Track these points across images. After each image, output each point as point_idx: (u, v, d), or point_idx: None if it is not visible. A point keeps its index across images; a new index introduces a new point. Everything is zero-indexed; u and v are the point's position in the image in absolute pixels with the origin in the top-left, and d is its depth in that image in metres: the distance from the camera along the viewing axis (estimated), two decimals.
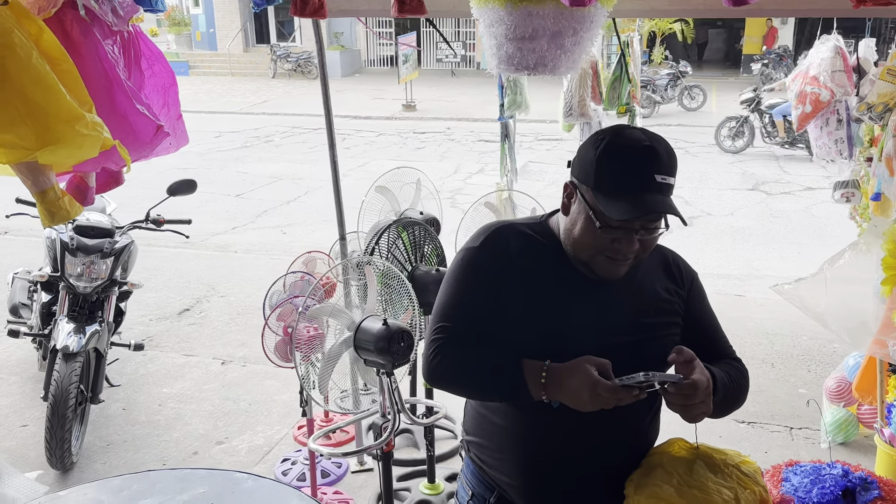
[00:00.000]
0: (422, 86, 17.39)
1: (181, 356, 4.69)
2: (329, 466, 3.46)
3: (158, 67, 2.03)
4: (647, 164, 1.43)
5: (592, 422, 1.48)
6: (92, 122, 1.66)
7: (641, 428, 1.63)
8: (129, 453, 3.60)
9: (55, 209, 1.75)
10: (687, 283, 1.66)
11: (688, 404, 1.42)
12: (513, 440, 1.59)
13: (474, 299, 1.55)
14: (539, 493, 1.59)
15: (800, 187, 9.43)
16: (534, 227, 1.62)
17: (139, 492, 1.92)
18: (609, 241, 1.46)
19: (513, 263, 1.54)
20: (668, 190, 1.45)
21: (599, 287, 1.54)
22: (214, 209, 8.60)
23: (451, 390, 1.61)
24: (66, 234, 3.54)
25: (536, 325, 1.52)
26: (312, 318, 2.62)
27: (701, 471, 1.54)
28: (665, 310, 1.61)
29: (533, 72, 2.03)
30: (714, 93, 17.37)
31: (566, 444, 1.56)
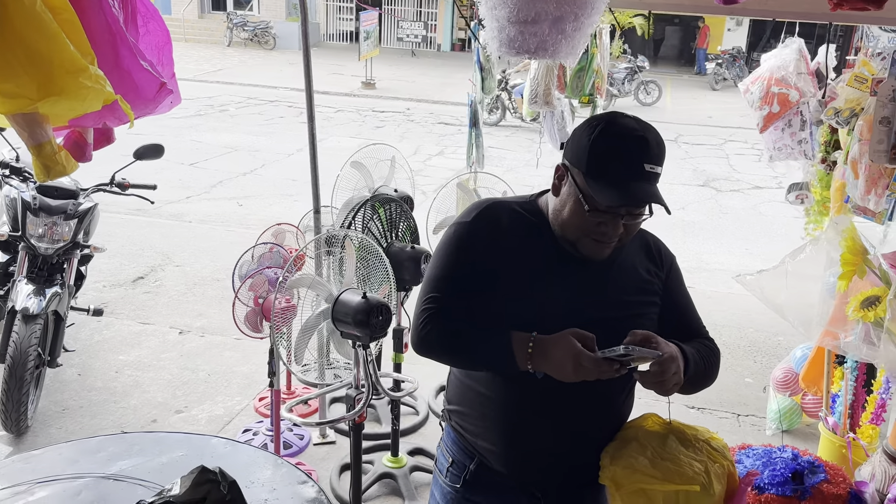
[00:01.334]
0: (382, 64, 17.25)
1: (137, 324, 4.62)
2: (291, 438, 3.48)
3: (153, 25, 1.99)
4: (638, 153, 1.49)
5: (572, 394, 1.55)
6: (95, 74, 1.62)
7: (617, 402, 1.70)
8: (85, 419, 3.54)
9: (51, 164, 1.70)
10: (666, 266, 1.74)
11: (663, 378, 1.49)
12: (495, 408, 1.65)
13: (464, 272, 1.60)
14: (518, 459, 1.66)
15: (748, 185, 9.72)
16: (524, 206, 1.67)
17: (116, 453, 1.91)
18: (595, 223, 1.53)
19: (502, 239, 1.60)
20: (655, 179, 1.51)
21: (584, 265, 1.60)
22: (168, 177, 8.39)
23: (439, 359, 1.66)
24: (28, 194, 3.44)
25: (522, 298, 1.57)
26: (288, 290, 2.63)
27: (673, 444, 1.61)
28: (645, 289, 1.67)
29: (534, 55, 2.06)
30: (669, 89, 17.70)
31: (546, 414, 1.61)
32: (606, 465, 1.62)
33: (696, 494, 1.55)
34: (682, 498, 1.56)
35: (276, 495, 1.81)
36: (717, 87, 18.62)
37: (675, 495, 1.56)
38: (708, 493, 1.56)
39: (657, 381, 1.50)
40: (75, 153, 1.80)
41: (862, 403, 3.11)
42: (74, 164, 1.80)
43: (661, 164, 1.53)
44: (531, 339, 1.50)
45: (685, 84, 20.03)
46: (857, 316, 2.55)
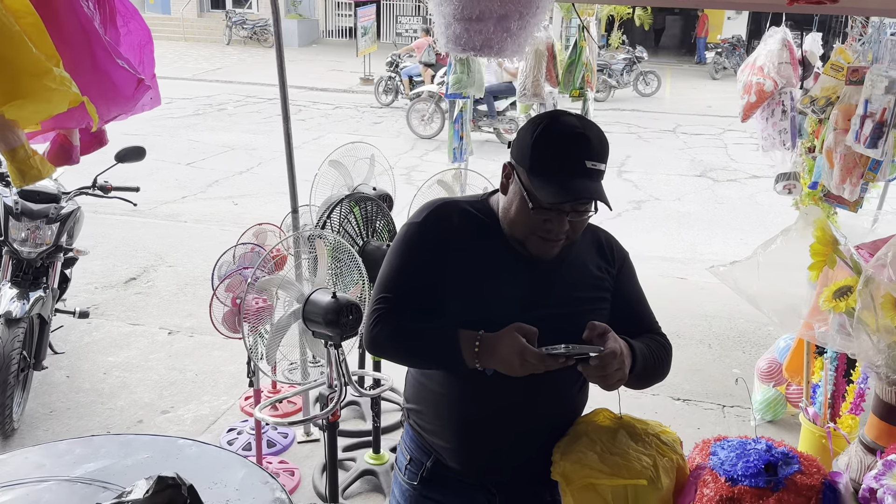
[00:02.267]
0: (380, 59, 17.24)
1: (127, 325, 4.65)
2: (275, 437, 3.50)
3: (134, 25, 2.00)
4: (579, 150, 1.50)
5: (525, 390, 1.58)
6: (59, 76, 1.64)
7: (570, 396, 1.71)
8: (72, 420, 3.57)
9: (26, 168, 1.71)
10: (618, 262, 1.74)
11: (605, 374, 1.50)
12: (449, 406, 1.66)
13: (414, 272, 1.62)
14: (472, 456, 1.67)
15: (746, 175, 9.69)
16: (475, 205, 1.68)
17: (83, 456, 1.93)
18: (541, 221, 1.54)
19: (452, 239, 1.61)
20: (597, 175, 1.52)
21: (534, 264, 1.61)
22: (164, 177, 8.45)
23: (391, 358, 1.69)
24: (9, 198, 3.46)
25: (472, 298, 1.59)
26: (261, 290, 2.64)
27: (623, 439, 1.62)
28: (596, 286, 1.68)
29: (479, 53, 2.06)
30: (668, 79, 17.64)
31: (499, 411, 1.63)
32: (557, 460, 1.63)
33: (644, 488, 1.56)
34: (630, 492, 1.57)
35: (238, 495, 1.81)
36: (717, 77, 18.54)
37: (623, 490, 1.57)
38: (656, 487, 1.57)
39: (599, 375, 1.51)
40: (61, 156, 1.82)
41: (842, 393, 3.11)
42: (50, 168, 1.81)
43: (604, 161, 1.54)
44: (478, 338, 1.52)
45: (685, 74, 19.94)
46: (828, 306, 2.54)
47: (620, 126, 12.63)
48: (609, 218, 7.42)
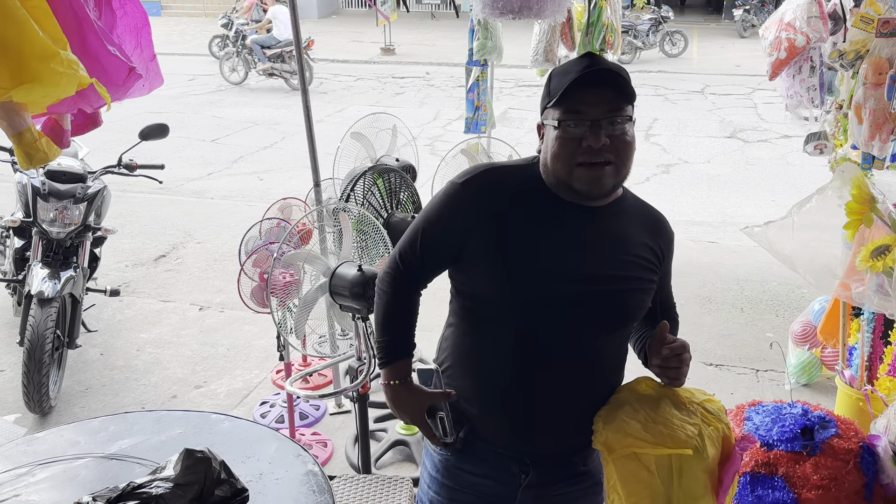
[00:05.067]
0: (401, 28, 17.07)
1: (158, 302, 4.70)
2: (307, 409, 3.53)
3: (130, 7, 1.98)
4: (585, 62, 1.51)
5: (563, 364, 1.58)
6: (67, 59, 1.63)
7: (608, 372, 1.68)
8: (107, 397, 3.63)
9: (33, 151, 1.73)
10: (668, 247, 1.70)
11: (682, 367, 1.55)
12: (484, 378, 1.65)
13: (442, 234, 1.62)
14: (506, 426, 1.65)
15: (777, 135, 9.47)
16: (521, 169, 1.64)
17: (116, 433, 1.95)
18: (578, 144, 1.48)
19: (495, 206, 1.57)
20: (614, 79, 1.48)
21: (583, 226, 1.56)
22: (189, 154, 8.49)
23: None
24: (37, 179, 3.49)
25: (514, 264, 1.54)
26: (288, 265, 2.64)
27: (667, 408, 1.58)
28: (643, 266, 1.62)
29: (518, 15, 1.99)
30: (696, 39, 17.25)
31: (535, 384, 1.60)
32: (599, 429, 1.60)
33: (689, 458, 1.53)
34: (674, 462, 1.54)
35: (272, 468, 1.83)
36: (746, 35, 18.05)
37: (667, 459, 1.54)
38: (701, 457, 1.54)
39: (678, 368, 1.55)
40: (53, 140, 1.82)
41: (880, 355, 3.04)
42: (56, 151, 1.81)
43: (620, 72, 1.50)
44: (395, 380, 1.68)
45: (712, 33, 19.47)
46: (865, 266, 2.47)
47: (647, 88, 12.40)
48: (638, 182, 7.35)
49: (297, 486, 1.76)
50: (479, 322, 1.63)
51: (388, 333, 1.72)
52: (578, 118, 1.48)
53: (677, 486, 1.55)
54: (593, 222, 1.57)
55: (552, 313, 1.55)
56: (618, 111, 1.48)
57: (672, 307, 1.82)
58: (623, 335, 1.68)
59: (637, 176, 7.63)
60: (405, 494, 2.30)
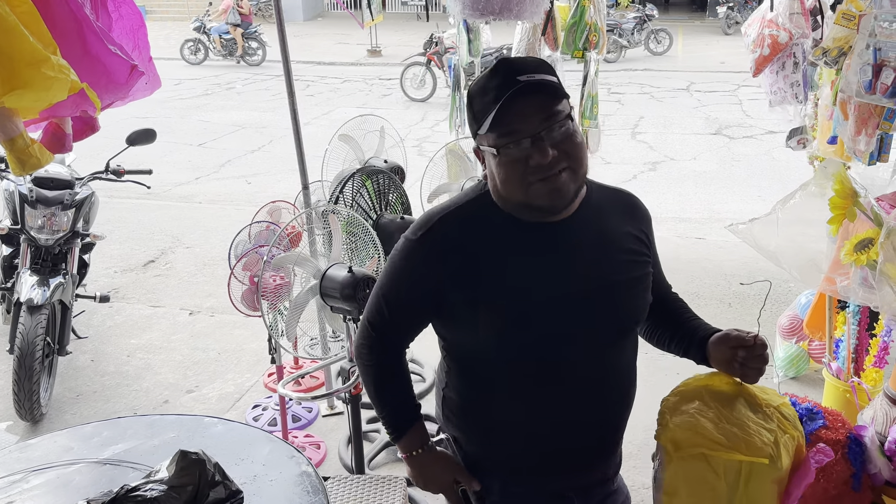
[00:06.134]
0: (387, 30, 17.08)
1: (148, 307, 4.69)
2: (300, 411, 3.53)
3: (126, 9, 1.99)
4: (505, 72, 1.38)
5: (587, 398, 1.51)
6: (58, 64, 1.63)
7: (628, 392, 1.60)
8: (99, 403, 3.63)
9: (25, 157, 1.72)
10: (647, 226, 1.61)
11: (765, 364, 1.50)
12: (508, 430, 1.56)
13: (410, 294, 1.53)
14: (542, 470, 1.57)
15: (762, 131, 9.54)
16: (473, 203, 1.51)
17: (110, 438, 1.95)
18: (525, 164, 1.37)
19: (460, 252, 1.46)
20: (538, 85, 1.36)
21: (560, 244, 1.46)
22: (177, 159, 8.47)
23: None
24: (24, 187, 3.48)
25: (499, 300, 1.45)
26: (278, 268, 2.65)
27: (742, 409, 1.48)
28: (635, 260, 1.54)
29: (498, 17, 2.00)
30: (680, 36, 17.34)
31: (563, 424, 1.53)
32: (666, 423, 1.50)
33: (762, 467, 1.43)
34: (744, 467, 1.44)
35: (265, 470, 1.84)
36: (730, 32, 18.17)
37: (737, 465, 1.44)
38: (775, 467, 1.43)
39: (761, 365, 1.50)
40: (54, 144, 1.82)
41: (865, 347, 3.08)
42: (49, 156, 1.81)
43: (544, 72, 1.39)
44: (417, 450, 1.61)
45: (697, 30, 19.60)
46: (850, 259, 2.51)
47: (633, 86, 12.47)
48: (625, 180, 7.38)
49: (292, 487, 1.77)
50: (477, 374, 1.54)
51: (386, 405, 1.63)
52: (516, 138, 1.36)
53: (742, 493, 1.45)
54: (566, 235, 1.46)
55: (551, 343, 1.45)
56: (554, 116, 1.37)
57: (669, 288, 1.74)
58: (630, 341, 1.58)
59: (624, 174, 7.67)
60: (399, 494, 2.31)
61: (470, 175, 3.60)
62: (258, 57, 15.13)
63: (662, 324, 1.69)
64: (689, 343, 1.63)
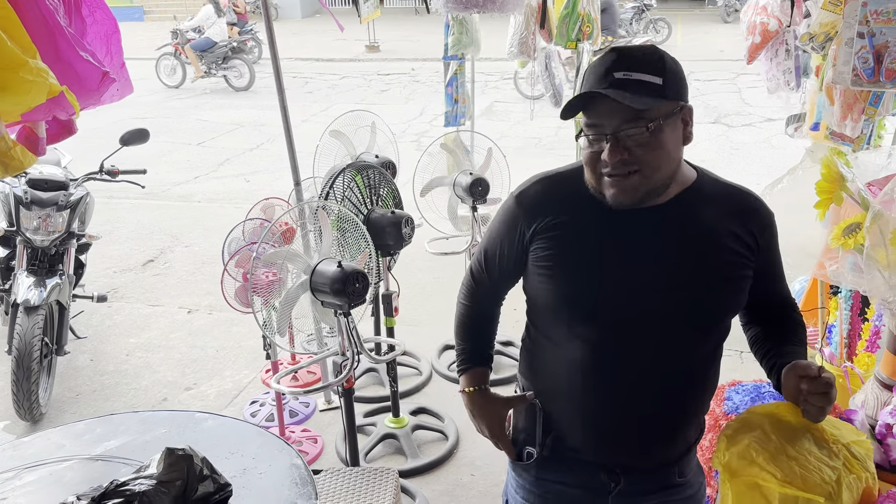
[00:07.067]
0: (385, 25, 17.05)
1: (147, 306, 4.72)
2: (297, 406, 3.56)
3: (100, 14, 2.00)
4: (607, 64, 1.39)
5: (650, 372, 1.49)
6: (36, 68, 1.65)
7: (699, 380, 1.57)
8: (98, 402, 3.65)
9: (7, 159, 1.74)
10: (761, 230, 1.53)
11: (828, 406, 1.40)
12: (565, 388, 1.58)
13: (502, 249, 1.62)
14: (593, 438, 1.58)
15: (761, 119, 9.52)
16: (574, 175, 1.53)
17: (102, 435, 1.97)
18: (596, 155, 1.40)
19: (547, 217, 1.51)
20: (628, 85, 1.35)
21: (641, 230, 1.45)
22: (175, 159, 8.49)
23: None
24: (19, 188, 3.51)
25: (569, 276, 1.49)
26: (269, 264, 2.66)
27: (805, 443, 1.42)
28: (727, 260, 1.48)
29: (482, 10, 2.01)
30: (679, 25, 17.28)
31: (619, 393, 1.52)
32: (722, 449, 1.48)
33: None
34: (801, 502, 1.38)
35: (255, 463, 1.85)
36: (729, 20, 18.12)
37: (793, 500, 1.39)
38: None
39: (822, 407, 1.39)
40: (29, 148, 1.83)
41: (858, 332, 3.09)
42: (32, 158, 1.83)
43: (647, 71, 1.36)
44: (472, 388, 1.70)
45: (696, 19, 19.53)
46: (837, 244, 2.51)
47: None
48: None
49: (281, 479, 1.79)
50: (545, 336, 1.59)
51: (462, 341, 1.76)
52: (596, 132, 1.40)
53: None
54: (650, 222, 1.45)
55: (615, 324, 1.46)
56: (636, 121, 1.36)
57: (788, 303, 1.66)
58: (711, 339, 1.54)
59: None
60: (390, 485, 2.33)
61: (463, 168, 3.61)
62: (254, 55, 15.13)
63: (761, 339, 1.65)
64: (771, 367, 1.57)
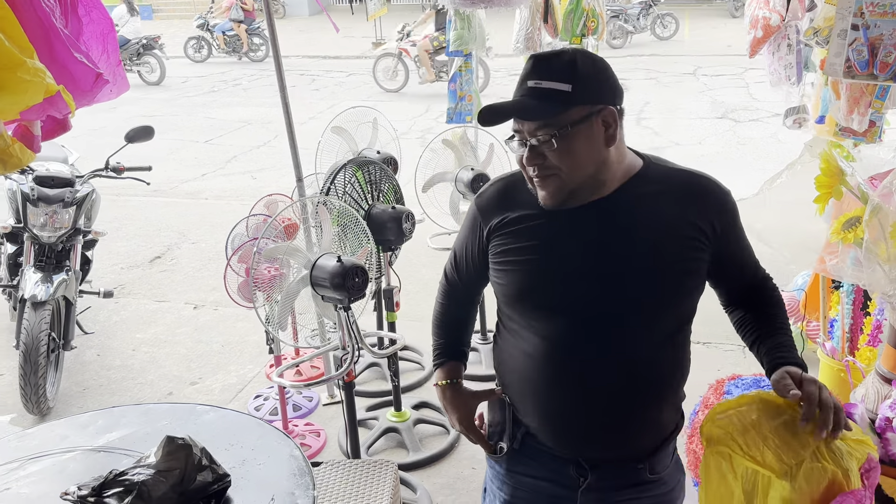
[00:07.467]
0: (391, 22, 17.04)
1: (153, 302, 4.76)
2: (300, 401, 3.58)
3: (96, 14, 2.03)
4: (527, 73, 1.45)
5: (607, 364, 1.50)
6: (34, 67, 1.67)
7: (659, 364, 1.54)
8: (104, 396, 3.69)
9: (6, 157, 1.77)
10: (718, 213, 1.53)
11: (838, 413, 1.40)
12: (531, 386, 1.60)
13: (467, 251, 1.70)
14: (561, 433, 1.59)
15: (768, 113, 9.48)
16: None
17: (104, 426, 2.01)
18: (520, 160, 1.49)
19: (503, 215, 1.57)
20: (539, 94, 1.41)
21: (585, 224, 1.49)
22: (183, 156, 8.54)
23: None
24: (26, 185, 3.55)
25: (522, 266, 1.54)
26: (271, 259, 2.69)
27: (786, 425, 1.45)
28: (679, 247, 1.49)
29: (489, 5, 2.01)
30: (687, 20, 17.21)
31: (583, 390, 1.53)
32: (708, 419, 1.52)
33: (776, 484, 1.41)
34: (761, 480, 1.43)
35: (254, 455, 1.88)
36: (737, 15, 18.00)
37: (754, 474, 1.43)
38: (789, 488, 1.40)
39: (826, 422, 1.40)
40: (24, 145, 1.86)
41: (860, 326, 3.09)
42: (30, 155, 1.86)
43: (555, 78, 1.41)
44: (446, 380, 1.75)
45: (704, 13, 19.43)
46: (837, 238, 2.52)
47: (638, 72, 12.40)
48: None
49: (279, 470, 1.81)
50: (509, 330, 1.63)
51: (439, 337, 1.82)
52: (519, 137, 1.47)
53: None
54: (597, 215, 1.49)
55: (569, 316, 1.49)
56: (544, 129, 1.41)
57: (762, 282, 1.68)
58: (666, 325, 1.53)
59: None
60: (390, 477, 2.35)
61: (465, 164, 3.63)
62: (262, 53, 15.18)
63: (745, 327, 1.67)
64: (762, 362, 1.60)
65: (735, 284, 1.66)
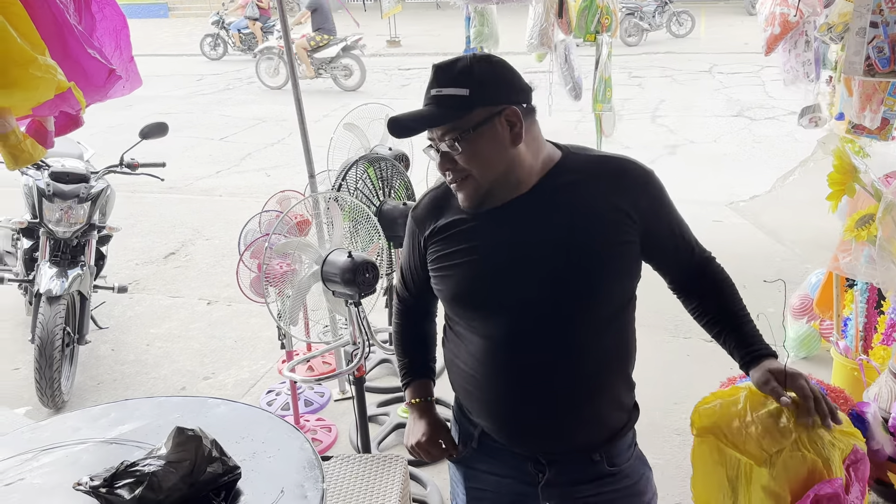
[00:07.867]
0: (406, 20, 17.10)
1: (167, 298, 4.80)
2: (312, 396, 3.60)
3: (109, 10, 2.05)
4: (430, 80, 1.51)
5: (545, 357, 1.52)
6: (45, 64, 1.70)
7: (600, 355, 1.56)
8: (118, 391, 3.73)
9: (17, 152, 1.80)
10: (639, 196, 1.53)
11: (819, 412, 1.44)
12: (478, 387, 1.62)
13: (410, 263, 1.73)
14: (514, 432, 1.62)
15: (784, 112, 9.40)
16: None
17: (117, 419, 2.03)
18: (438, 166, 1.54)
19: (436, 223, 1.62)
20: (440, 101, 1.46)
21: (511, 219, 1.52)
22: (198, 153, 8.60)
23: None
24: (42, 181, 3.59)
25: (454, 269, 1.57)
26: (283, 254, 2.70)
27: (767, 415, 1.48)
28: (602, 234, 1.50)
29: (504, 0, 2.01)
30: (703, 18, 17.10)
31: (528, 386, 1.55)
32: (697, 407, 1.58)
33: (757, 471, 1.45)
34: (744, 467, 1.47)
35: (265, 447, 1.89)
36: (754, 12, 17.83)
37: (737, 461, 1.48)
38: (768, 475, 1.43)
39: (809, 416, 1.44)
40: (37, 141, 1.89)
41: (874, 325, 3.06)
42: (41, 151, 1.88)
43: (453, 84, 1.45)
44: (414, 401, 1.76)
45: (720, 11, 19.29)
46: (850, 236, 2.50)
47: (654, 70, 12.34)
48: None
49: (289, 463, 1.83)
50: (453, 332, 1.67)
51: (403, 357, 1.83)
52: (433, 144, 1.53)
53: (745, 490, 1.48)
54: (520, 212, 1.52)
55: (503, 313, 1.52)
56: (448, 134, 1.46)
57: (704, 263, 1.68)
58: (601, 311, 1.53)
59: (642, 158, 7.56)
60: (399, 472, 2.36)
61: None
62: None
63: (704, 319, 1.69)
64: (732, 355, 1.64)
65: (675, 266, 1.66)
